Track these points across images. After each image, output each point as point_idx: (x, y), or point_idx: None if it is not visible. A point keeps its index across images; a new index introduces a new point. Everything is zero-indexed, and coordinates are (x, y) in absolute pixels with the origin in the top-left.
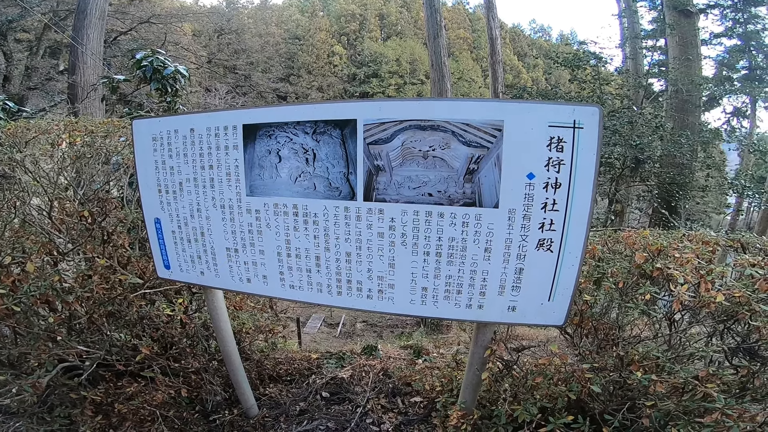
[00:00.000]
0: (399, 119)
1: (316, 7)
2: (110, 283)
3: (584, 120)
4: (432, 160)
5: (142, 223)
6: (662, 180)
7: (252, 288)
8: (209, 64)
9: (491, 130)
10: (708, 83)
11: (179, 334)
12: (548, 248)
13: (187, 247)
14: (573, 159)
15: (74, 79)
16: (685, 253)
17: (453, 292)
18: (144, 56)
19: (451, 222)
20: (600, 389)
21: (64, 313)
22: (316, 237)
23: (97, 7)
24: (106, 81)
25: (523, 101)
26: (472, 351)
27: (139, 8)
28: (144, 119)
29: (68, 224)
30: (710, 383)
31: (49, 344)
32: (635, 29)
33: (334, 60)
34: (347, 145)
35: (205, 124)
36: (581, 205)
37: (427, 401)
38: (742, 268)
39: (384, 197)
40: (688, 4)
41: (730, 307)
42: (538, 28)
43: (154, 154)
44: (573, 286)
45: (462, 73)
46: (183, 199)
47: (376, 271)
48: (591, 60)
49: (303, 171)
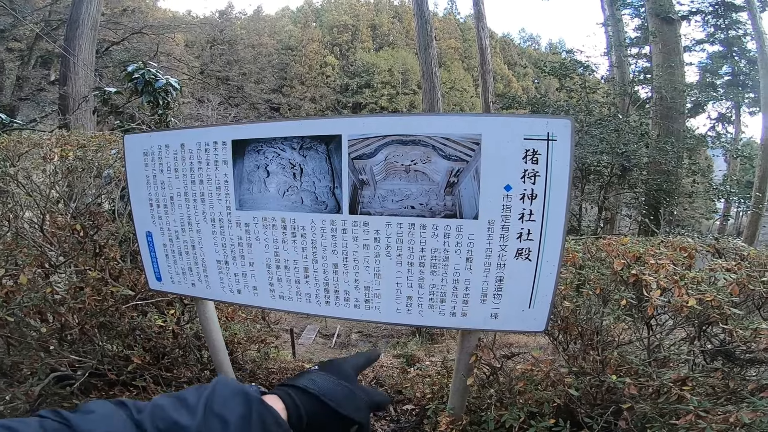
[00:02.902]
0: (382, 134)
1: (309, 17)
2: (102, 295)
3: (557, 132)
4: (414, 174)
5: (133, 236)
6: (649, 187)
7: (242, 299)
8: (202, 74)
9: (470, 144)
10: (692, 90)
11: (171, 345)
12: (527, 257)
13: (179, 260)
14: (548, 170)
15: (65, 90)
16: (660, 260)
17: (437, 301)
18: (135, 68)
19: (433, 233)
20: (580, 393)
21: (56, 323)
22: (304, 249)
23: (89, 18)
24: (98, 93)
25: (499, 115)
26: (458, 357)
27: (131, 18)
28: (135, 134)
29: (60, 237)
30: (686, 386)
31: (41, 354)
32: (620, 37)
33: (327, 71)
34: (332, 160)
35: (196, 140)
36: (556, 215)
37: (419, 408)
38: (715, 272)
39: (369, 210)
40: (670, 11)
41: (703, 310)
42: (528, 37)
43: (146, 169)
44: (552, 292)
45: (453, 82)
46: (174, 212)
47: (362, 281)
48: (578, 69)
49: (291, 185)
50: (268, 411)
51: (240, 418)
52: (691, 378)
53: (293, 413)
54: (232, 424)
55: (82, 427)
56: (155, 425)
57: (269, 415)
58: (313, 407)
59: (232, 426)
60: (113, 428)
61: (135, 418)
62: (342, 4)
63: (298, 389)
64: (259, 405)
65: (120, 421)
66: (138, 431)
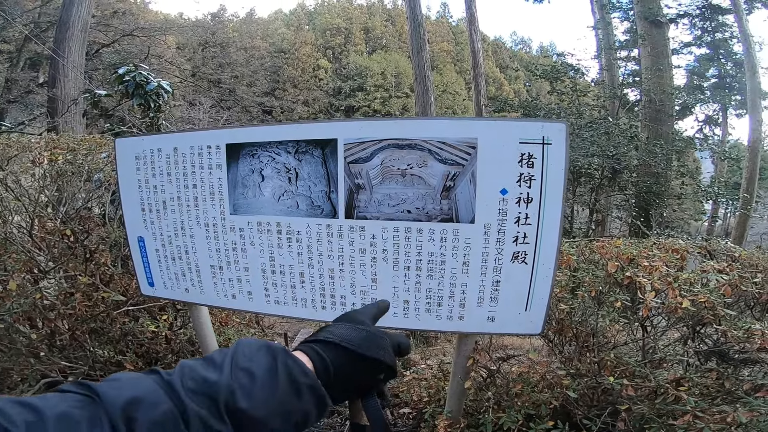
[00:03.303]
0: (378, 138)
1: (302, 20)
2: (93, 301)
3: (552, 136)
4: (410, 178)
5: (124, 241)
6: (639, 189)
7: (237, 304)
8: (193, 77)
9: (466, 148)
10: (680, 92)
11: (164, 350)
12: (523, 260)
13: (171, 265)
14: (543, 174)
15: (54, 93)
16: (653, 262)
17: (434, 305)
18: (126, 71)
19: (429, 237)
20: (578, 395)
21: (46, 329)
22: (300, 254)
23: (79, 19)
24: (88, 95)
25: (495, 119)
26: (455, 361)
27: (122, 21)
28: (127, 138)
29: (49, 242)
30: (681, 386)
31: (32, 360)
32: (609, 40)
33: (320, 74)
34: (328, 164)
35: (189, 144)
36: (552, 218)
37: (415, 412)
38: (707, 274)
39: (365, 215)
40: (658, 15)
41: (696, 312)
42: (519, 40)
43: (138, 173)
44: (548, 295)
45: (446, 85)
46: (167, 217)
47: (359, 285)
48: (569, 72)
49: (286, 190)
50: (294, 361)
51: (266, 370)
52: (687, 378)
53: (319, 365)
54: (259, 377)
55: (108, 394)
56: (185, 384)
57: (295, 365)
58: (337, 356)
59: (259, 379)
60: (140, 392)
61: (165, 379)
62: (335, 7)
63: (319, 341)
64: (284, 355)
65: (147, 384)
66: (169, 390)
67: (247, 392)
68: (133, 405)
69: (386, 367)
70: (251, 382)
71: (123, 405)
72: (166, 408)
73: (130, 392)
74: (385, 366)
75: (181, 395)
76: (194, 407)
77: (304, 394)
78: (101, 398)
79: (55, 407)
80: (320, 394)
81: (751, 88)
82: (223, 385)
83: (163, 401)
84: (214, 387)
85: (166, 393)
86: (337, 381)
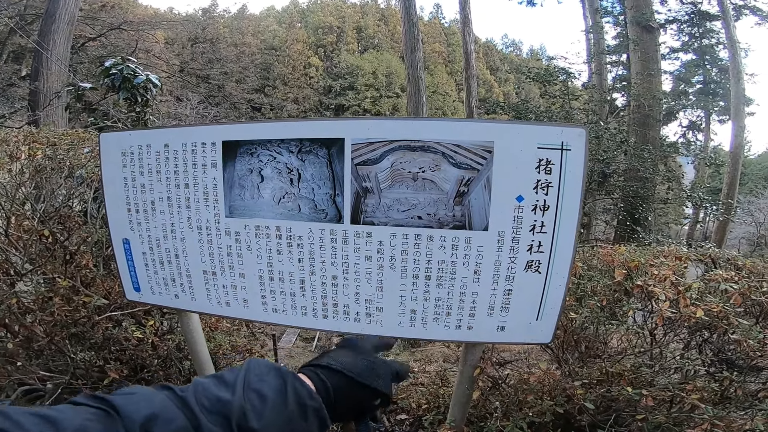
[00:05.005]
0: (388, 139)
1: (294, 18)
2: (73, 305)
3: (571, 142)
4: (422, 182)
5: (107, 240)
6: (626, 193)
7: (231, 312)
8: (182, 72)
9: (482, 152)
10: (666, 98)
11: (150, 357)
12: (536, 269)
13: (160, 270)
14: (560, 181)
15: (36, 86)
16: (662, 270)
17: (442, 314)
18: (113, 63)
19: (440, 245)
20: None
21: (22, 335)
22: (301, 260)
23: (66, 12)
24: (71, 88)
25: (513, 122)
26: (461, 370)
27: (110, 14)
28: (113, 133)
29: (26, 242)
30: (695, 394)
31: (8, 368)
32: (601, 45)
33: (311, 72)
34: (334, 165)
35: (181, 140)
36: (568, 227)
37: (413, 418)
38: (716, 283)
39: (372, 220)
40: (650, 20)
41: (708, 321)
42: (510, 43)
43: (124, 171)
44: (560, 305)
45: (437, 86)
46: (155, 219)
47: (363, 294)
48: (561, 75)
49: (287, 192)
50: (302, 385)
51: (277, 392)
52: (702, 387)
53: (321, 388)
54: (270, 399)
55: (126, 409)
56: (200, 402)
57: (303, 389)
58: (338, 382)
59: (270, 400)
60: (156, 408)
61: (179, 395)
62: (328, 5)
63: (322, 367)
64: (293, 379)
65: (161, 399)
66: (183, 407)
67: (258, 413)
68: (151, 421)
69: (383, 395)
70: (262, 404)
71: (142, 421)
72: (180, 424)
73: (148, 409)
74: (382, 394)
75: (196, 412)
76: (209, 425)
77: (309, 416)
78: (120, 413)
79: (72, 420)
80: (323, 416)
81: (735, 93)
82: (235, 404)
83: (178, 417)
84: (228, 406)
85: (180, 409)
86: (336, 405)
